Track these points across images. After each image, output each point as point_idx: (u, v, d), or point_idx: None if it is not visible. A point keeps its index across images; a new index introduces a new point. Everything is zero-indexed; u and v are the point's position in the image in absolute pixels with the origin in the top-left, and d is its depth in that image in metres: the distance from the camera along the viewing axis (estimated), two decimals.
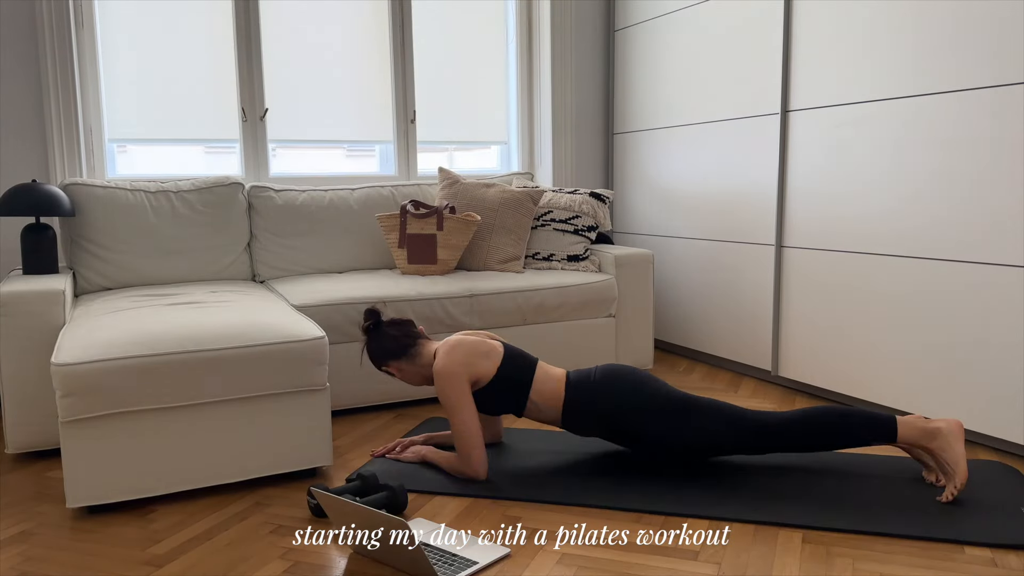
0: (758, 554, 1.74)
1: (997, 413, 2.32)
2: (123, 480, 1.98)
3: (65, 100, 2.99)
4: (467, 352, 2.11)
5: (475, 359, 2.11)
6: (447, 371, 2.09)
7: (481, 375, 2.12)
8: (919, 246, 2.50)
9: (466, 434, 2.09)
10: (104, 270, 2.84)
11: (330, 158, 3.60)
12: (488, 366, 2.13)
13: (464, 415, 2.08)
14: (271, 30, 3.38)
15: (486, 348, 2.15)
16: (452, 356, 2.10)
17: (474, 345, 2.14)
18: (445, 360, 2.10)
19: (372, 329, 2.26)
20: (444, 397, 2.09)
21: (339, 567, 1.70)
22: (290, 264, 3.16)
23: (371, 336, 2.25)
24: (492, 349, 2.16)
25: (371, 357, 2.26)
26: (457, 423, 2.08)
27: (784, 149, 2.98)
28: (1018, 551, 1.73)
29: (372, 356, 2.25)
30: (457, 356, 2.10)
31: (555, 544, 1.80)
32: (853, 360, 2.76)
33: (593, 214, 3.36)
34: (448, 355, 2.11)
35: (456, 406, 2.08)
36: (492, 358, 2.14)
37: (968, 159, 2.34)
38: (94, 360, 1.92)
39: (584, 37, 3.97)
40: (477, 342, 2.15)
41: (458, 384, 2.08)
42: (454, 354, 2.11)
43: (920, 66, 2.46)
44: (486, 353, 2.14)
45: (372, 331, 2.26)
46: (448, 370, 2.08)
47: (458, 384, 2.08)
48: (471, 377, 2.11)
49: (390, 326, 2.25)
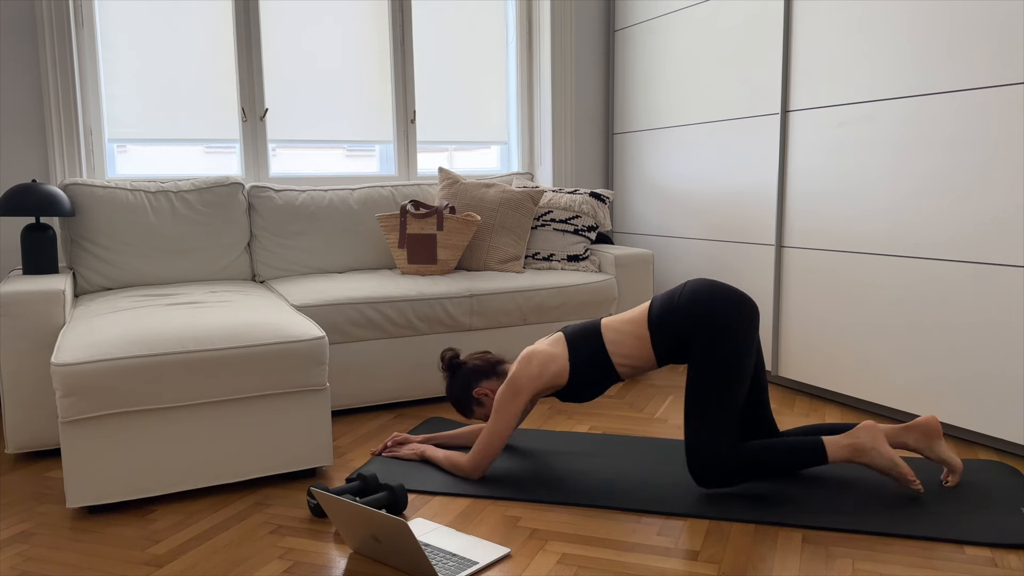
0: (758, 554, 1.74)
1: (997, 413, 2.32)
2: (123, 480, 1.98)
3: (65, 100, 2.99)
4: (541, 363, 2.11)
5: (547, 367, 2.11)
6: (516, 380, 2.10)
7: (556, 379, 2.11)
8: (919, 246, 2.50)
9: (496, 440, 2.10)
10: (104, 270, 2.84)
11: (330, 158, 3.60)
12: (559, 368, 2.11)
13: (505, 422, 2.09)
14: (271, 30, 3.38)
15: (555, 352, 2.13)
16: (526, 366, 2.11)
17: (546, 355, 2.12)
18: (518, 369, 2.12)
19: (456, 359, 2.32)
20: (499, 400, 2.10)
21: (339, 567, 1.70)
22: (290, 264, 3.16)
23: (457, 365, 2.31)
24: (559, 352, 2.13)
25: (463, 382, 2.27)
26: (494, 426, 2.10)
27: (784, 149, 2.98)
28: (1018, 551, 1.73)
29: (465, 380, 2.27)
30: (532, 369, 2.10)
31: (555, 544, 1.79)
32: (853, 360, 2.76)
33: (593, 214, 3.36)
34: (522, 364, 2.12)
35: (503, 412, 2.09)
36: (560, 360, 2.12)
37: (968, 159, 2.34)
38: (94, 360, 1.92)
39: (584, 37, 3.97)
40: (547, 352, 2.13)
41: (520, 395, 2.09)
42: (528, 366, 2.11)
43: (920, 66, 2.46)
44: (555, 357, 2.12)
45: (456, 361, 2.31)
46: (517, 379, 2.10)
47: (520, 395, 2.09)
48: (544, 387, 2.11)
49: (471, 356, 2.33)
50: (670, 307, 2.08)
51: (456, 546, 1.77)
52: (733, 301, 2.04)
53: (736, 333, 2.00)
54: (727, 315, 2.01)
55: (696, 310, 2.03)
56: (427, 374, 2.88)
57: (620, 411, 2.82)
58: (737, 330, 2.00)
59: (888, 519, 1.87)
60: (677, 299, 2.08)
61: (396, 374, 2.82)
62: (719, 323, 2.00)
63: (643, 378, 3.27)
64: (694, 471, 2.00)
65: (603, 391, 2.17)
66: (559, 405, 2.89)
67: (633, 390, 3.09)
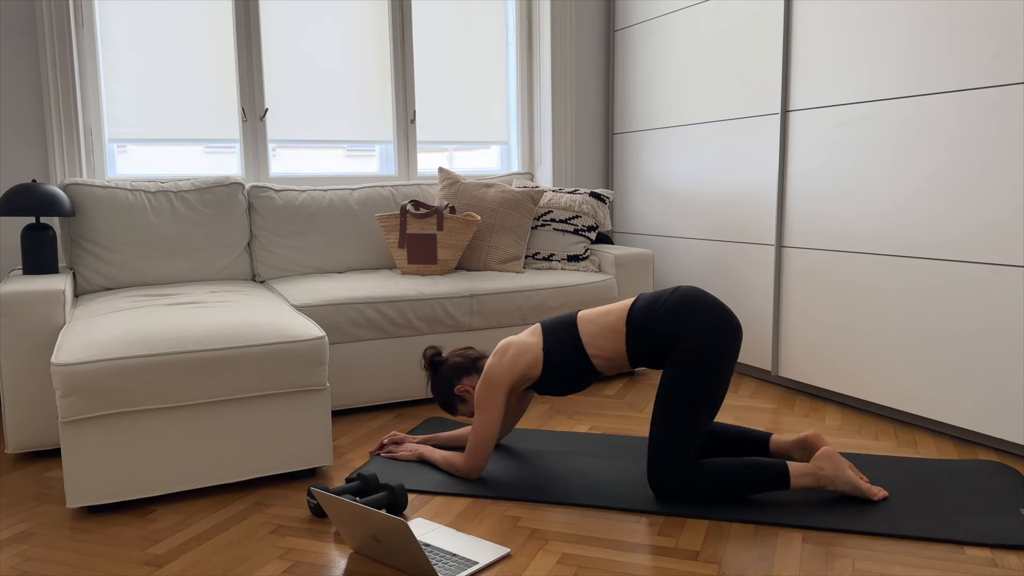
0: (758, 554, 1.74)
1: (997, 413, 2.32)
2: (123, 480, 1.98)
3: (65, 100, 2.99)
4: (514, 355, 2.09)
5: (519, 358, 2.09)
6: (489, 374, 2.09)
7: (530, 369, 2.09)
8: (919, 246, 2.50)
9: (484, 436, 2.09)
10: (104, 270, 2.84)
11: (330, 158, 3.60)
12: (532, 358, 2.09)
13: (489, 417, 2.08)
14: (271, 30, 3.38)
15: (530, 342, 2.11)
16: (500, 359, 2.09)
17: (520, 346, 2.11)
18: (492, 362, 2.10)
19: (437, 357, 2.30)
20: (478, 396, 2.09)
21: (339, 567, 1.70)
22: (290, 264, 3.16)
23: (439, 363, 2.29)
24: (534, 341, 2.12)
25: (444, 380, 2.26)
26: (479, 424, 2.09)
27: (784, 149, 2.98)
28: (1018, 551, 1.73)
29: (446, 378, 2.25)
30: (505, 360, 2.09)
31: (555, 544, 1.79)
32: (853, 360, 2.76)
33: (593, 214, 3.36)
34: (496, 357, 2.11)
35: (485, 407, 2.08)
36: (534, 349, 2.10)
37: (968, 159, 2.34)
38: (94, 360, 1.92)
39: (584, 37, 3.97)
40: (522, 343, 2.11)
41: (496, 389, 2.07)
42: (502, 358, 2.09)
43: (920, 66, 2.46)
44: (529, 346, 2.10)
45: (437, 359, 2.30)
46: (491, 373, 2.08)
47: (496, 389, 2.07)
48: (519, 378, 2.09)
49: (452, 353, 2.31)
50: (652, 310, 2.03)
51: (456, 546, 1.77)
52: (720, 319, 1.98)
53: (718, 355, 1.95)
54: (711, 334, 1.95)
55: (679, 320, 1.98)
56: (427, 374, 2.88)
57: (620, 411, 2.82)
58: (719, 352, 1.95)
59: (888, 519, 1.87)
60: (662, 304, 2.02)
61: (396, 374, 2.82)
62: (701, 340, 1.95)
63: (643, 378, 3.27)
64: (651, 480, 1.99)
65: (583, 386, 2.12)
66: (559, 405, 2.89)
67: (633, 390, 3.09)
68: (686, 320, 1.97)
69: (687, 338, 1.96)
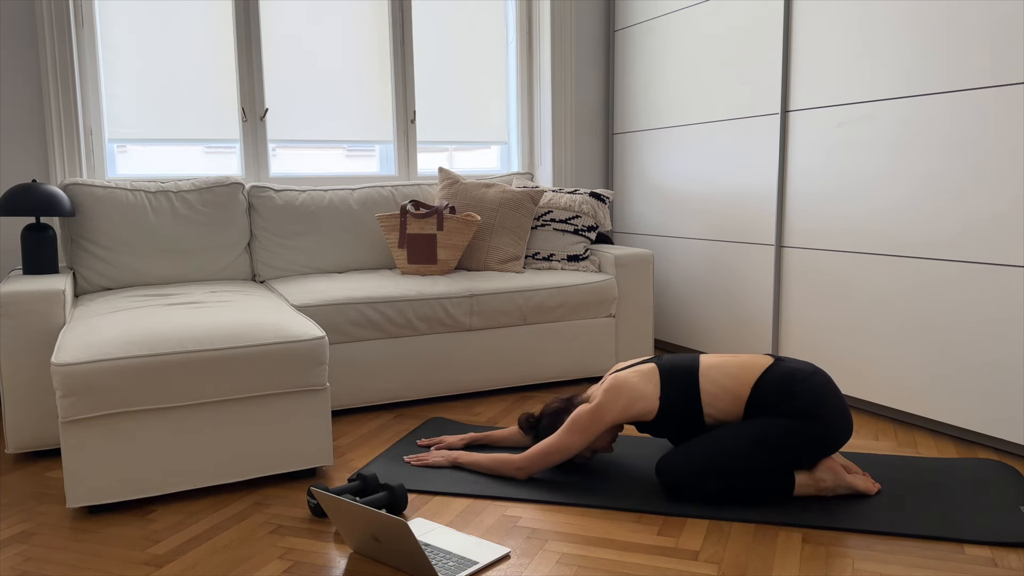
0: (758, 554, 1.74)
1: (997, 413, 2.32)
2: (123, 480, 1.98)
3: (65, 100, 2.99)
4: (628, 401, 2.06)
5: (633, 405, 2.07)
6: (600, 410, 2.07)
7: (641, 417, 2.08)
8: (919, 246, 2.50)
9: (560, 451, 2.09)
10: (104, 270, 2.84)
11: (330, 158, 3.60)
12: (645, 408, 2.07)
13: (576, 440, 2.08)
14: (271, 30, 3.38)
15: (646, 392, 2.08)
16: (614, 398, 2.07)
17: (635, 393, 2.07)
18: (605, 400, 2.07)
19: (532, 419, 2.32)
20: (578, 418, 2.08)
21: (339, 567, 1.70)
22: (290, 264, 3.16)
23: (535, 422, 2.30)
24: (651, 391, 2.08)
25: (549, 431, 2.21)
26: (563, 440, 2.08)
27: (784, 149, 2.98)
28: (1018, 551, 1.73)
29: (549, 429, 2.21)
30: (619, 404, 2.06)
31: (555, 544, 1.80)
32: (853, 360, 2.76)
33: (593, 214, 3.36)
34: (609, 395, 2.08)
35: (578, 431, 2.08)
36: (649, 401, 2.07)
37: (968, 159, 2.34)
38: (94, 360, 1.92)
39: (584, 37, 3.97)
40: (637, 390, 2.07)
41: (597, 423, 2.07)
42: (616, 400, 2.07)
43: (920, 66, 2.46)
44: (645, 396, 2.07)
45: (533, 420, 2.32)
46: (601, 409, 2.06)
47: (597, 423, 2.07)
48: (625, 420, 2.09)
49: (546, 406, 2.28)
50: (787, 389, 1.98)
51: (456, 546, 1.77)
52: (845, 422, 1.99)
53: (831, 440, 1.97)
54: (833, 429, 1.96)
55: (811, 408, 1.95)
56: (427, 374, 2.88)
57: None
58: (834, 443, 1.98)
59: (888, 519, 1.87)
60: (799, 385, 1.98)
61: (396, 374, 2.82)
62: (819, 426, 1.95)
63: None
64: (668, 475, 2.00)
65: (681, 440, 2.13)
66: None
67: None
68: (817, 409, 1.96)
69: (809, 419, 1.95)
